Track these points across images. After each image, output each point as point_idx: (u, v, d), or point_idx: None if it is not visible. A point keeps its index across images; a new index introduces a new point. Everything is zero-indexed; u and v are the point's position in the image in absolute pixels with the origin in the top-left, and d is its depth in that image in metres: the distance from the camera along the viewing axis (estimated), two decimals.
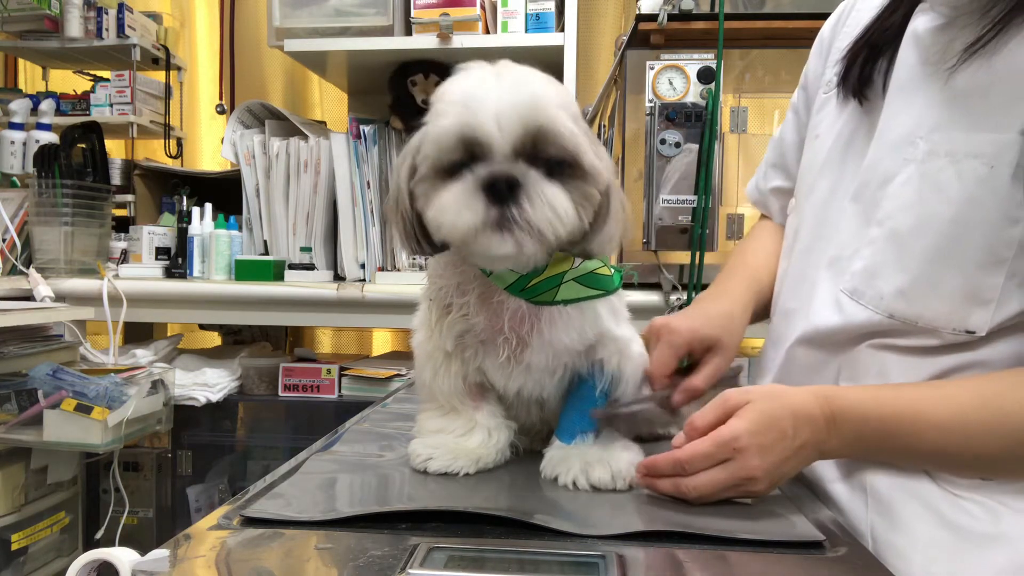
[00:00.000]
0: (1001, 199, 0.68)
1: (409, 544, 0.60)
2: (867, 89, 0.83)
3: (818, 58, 0.98)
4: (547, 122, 0.63)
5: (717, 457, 0.68)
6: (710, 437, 0.69)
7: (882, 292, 0.76)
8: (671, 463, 0.70)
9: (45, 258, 2.01)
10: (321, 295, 1.90)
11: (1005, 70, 0.68)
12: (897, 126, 0.77)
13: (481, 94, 0.64)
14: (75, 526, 1.92)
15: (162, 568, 0.56)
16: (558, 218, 0.64)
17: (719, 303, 0.95)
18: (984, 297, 0.71)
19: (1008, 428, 0.68)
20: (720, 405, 0.71)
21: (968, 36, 0.70)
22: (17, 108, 2.19)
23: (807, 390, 0.72)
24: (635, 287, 1.73)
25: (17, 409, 1.70)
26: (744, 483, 0.69)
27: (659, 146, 1.65)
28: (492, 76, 0.66)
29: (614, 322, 0.78)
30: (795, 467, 0.71)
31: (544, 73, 0.68)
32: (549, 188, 0.64)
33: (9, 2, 2.20)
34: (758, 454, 0.68)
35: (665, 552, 0.61)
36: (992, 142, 0.69)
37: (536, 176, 0.64)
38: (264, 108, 2.21)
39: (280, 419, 1.97)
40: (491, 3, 2.01)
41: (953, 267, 0.72)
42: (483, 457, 0.80)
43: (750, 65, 1.70)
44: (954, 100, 0.72)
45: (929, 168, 0.72)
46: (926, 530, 0.72)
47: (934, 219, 0.72)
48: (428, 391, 0.83)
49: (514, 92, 0.64)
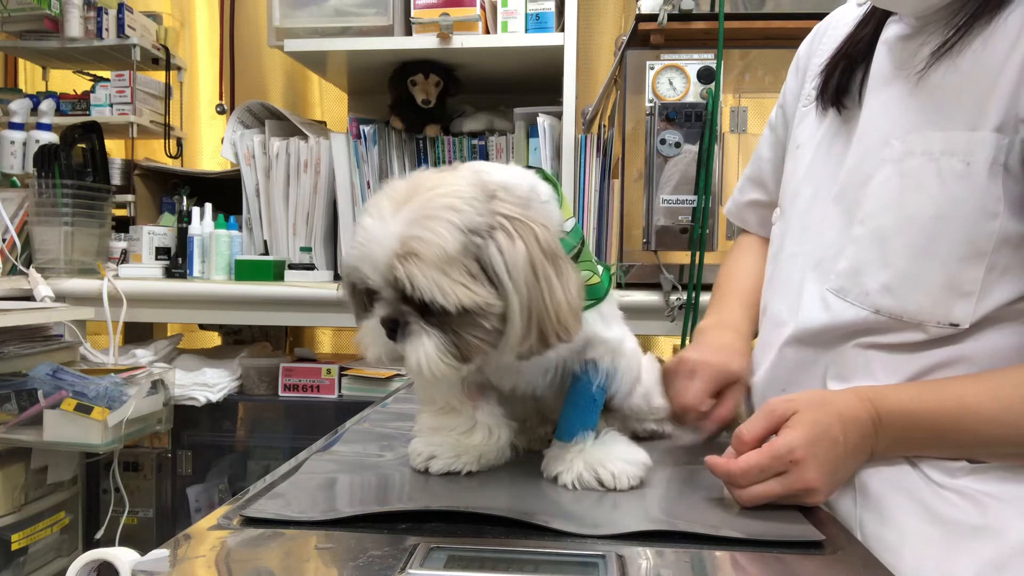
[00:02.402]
0: (979, 194, 0.71)
1: (409, 544, 0.60)
2: (845, 98, 0.86)
3: (795, 76, 1.02)
4: (403, 275, 0.64)
5: (773, 470, 0.69)
6: (765, 450, 0.69)
7: (867, 288, 0.78)
8: (724, 473, 0.70)
9: (45, 258, 2.01)
10: (321, 295, 1.90)
11: (972, 70, 0.71)
12: (873, 130, 0.80)
13: (367, 238, 0.66)
14: (75, 526, 1.92)
15: (162, 568, 0.56)
16: (428, 360, 0.66)
17: (729, 335, 0.97)
18: (966, 290, 0.73)
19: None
20: (767, 415, 0.72)
21: (935, 41, 0.74)
22: (17, 108, 2.19)
23: (851, 393, 0.74)
24: (622, 287, 1.73)
25: (17, 409, 1.70)
26: (801, 494, 0.69)
27: (659, 146, 1.65)
28: (388, 213, 0.66)
29: (603, 326, 0.78)
30: (848, 472, 0.72)
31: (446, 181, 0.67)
32: (422, 333, 0.66)
33: (9, 2, 2.20)
34: (814, 464, 0.69)
35: (665, 552, 0.61)
36: (967, 140, 0.71)
37: (414, 321, 0.67)
38: (264, 108, 2.21)
39: (280, 419, 1.97)
40: (491, 3, 2.01)
41: (935, 261, 0.74)
42: (485, 454, 0.80)
43: (750, 65, 1.70)
44: (925, 101, 0.75)
45: (907, 167, 0.75)
46: (914, 524, 0.73)
47: (915, 216, 0.74)
48: (425, 390, 0.83)
49: (386, 241, 0.65)
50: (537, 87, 2.13)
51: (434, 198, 0.66)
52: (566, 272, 0.68)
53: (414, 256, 0.64)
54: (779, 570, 0.59)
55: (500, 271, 0.65)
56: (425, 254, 0.63)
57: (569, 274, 0.68)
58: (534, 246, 0.66)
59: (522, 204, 0.69)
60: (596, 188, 1.93)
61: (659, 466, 0.85)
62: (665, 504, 0.71)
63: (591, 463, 0.76)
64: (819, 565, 0.60)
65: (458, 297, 0.64)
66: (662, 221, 1.66)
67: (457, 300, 0.64)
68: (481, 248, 0.65)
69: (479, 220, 0.65)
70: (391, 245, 0.64)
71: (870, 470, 0.77)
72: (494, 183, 0.69)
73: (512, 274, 0.65)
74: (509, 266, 0.65)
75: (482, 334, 0.67)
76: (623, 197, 1.74)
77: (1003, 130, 0.70)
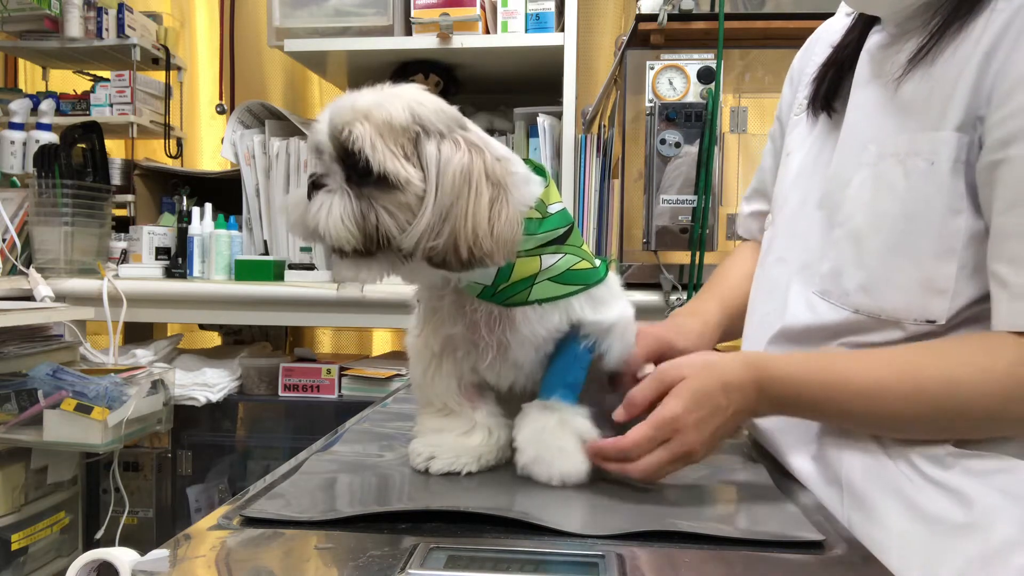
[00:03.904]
0: (944, 192, 0.73)
1: (409, 544, 0.60)
2: (833, 102, 0.89)
3: (789, 87, 1.05)
4: (348, 132, 0.68)
5: (659, 439, 0.72)
6: (650, 422, 0.73)
7: (846, 289, 0.80)
8: (617, 450, 0.74)
9: (45, 258, 2.01)
10: (321, 295, 1.90)
11: (941, 75, 0.74)
12: (852, 135, 0.83)
13: (335, 104, 0.70)
14: (75, 526, 1.92)
15: (162, 568, 0.56)
16: (331, 218, 0.68)
17: (692, 320, 1.01)
18: (939, 286, 0.74)
19: (924, 398, 0.72)
20: (657, 381, 0.75)
21: (911, 49, 0.77)
22: (17, 108, 2.19)
23: (738, 358, 0.76)
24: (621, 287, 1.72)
25: (17, 409, 1.70)
26: (685, 457, 0.73)
27: (659, 146, 1.65)
28: (366, 93, 0.70)
29: (591, 310, 0.78)
30: (728, 431, 0.76)
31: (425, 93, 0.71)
32: (337, 192, 0.69)
33: (9, 2, 2.20)
34: (695, 429, 0.72)
35: (665, 552, 0.61)
36: (930, 140, 0.74)
37: (335, 182, 0.69)
38: (264, 108, 2.21)
39: (280, 419, 1.97)
40: (491, 3, 2.01)
41: (908, 259, 0.75)
42: (485, 455, 0.80)
43: (750, 65, 1.70)
44: (900, 107, 0.78)
45: (880, 169, 0.78)
46: (900, 523, 0.74)
47: (886, 216, 0.77)
48: (422, 392, 0.84)
49: (347, 104, 0.69)
50: (537, 87, 2.13)
51: (411, 95, 0.71)
52: (503, 200, 0.69)
53: (363, 117, 0.68)
54: (779, 570, 0.59)
55: (431, 163, 0.68)
56: (374, 116, 0.68)
57: (506, 204, 0.69)
58: (478, 164, 0.69)
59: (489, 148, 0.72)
60: (596, 188, 1.92)
61: None
62: (665, 504, 0.71)
63: (540, 453, 0.77)
64: (819, 565, 0.60)
65: (385, 160, 0.67)
66: (662, 221, 1.66)
67: (382, 162, 0.67)
68: (421, 140, 0.69)
69: (437, 125, 0.70)
70: (350, 107, 0.69)
71: (857, 465, 0.78)
72: (477, 130, 0.73)
73: (441, 171, 0.68)
74: (441, 163, 0.68)
75: (394, 209, 0.68)
76: (623, 197, 1.74)
77: (963, 129, 0.72)
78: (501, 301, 0.75)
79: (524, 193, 0.73)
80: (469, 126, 0.74)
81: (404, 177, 0.67)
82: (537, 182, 0.76)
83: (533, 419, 0.79)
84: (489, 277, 0.73)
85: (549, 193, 0.77)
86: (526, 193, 0.74)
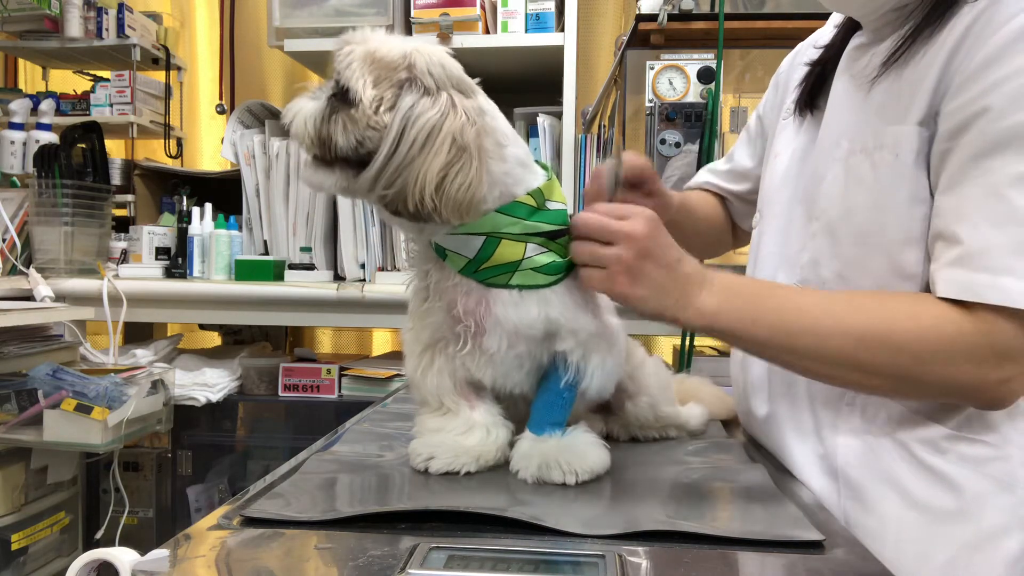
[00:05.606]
0: (908, 183, 0.77)
1: (409, 544, 0.60)
2: (818, 101, 0.92)
3: (774, 91, 1.07)
4: (343, 48, 0.74)
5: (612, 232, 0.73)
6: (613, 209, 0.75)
7: (824, 278, 0.84)
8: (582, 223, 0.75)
9: (45, 258, 2.01)
10: (321, 295, 1.90)
11: (911, 77, 0.77)
12: (829, 132, 0.86)
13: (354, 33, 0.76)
14: (75, 526, 1.92)
15: (162, 568, 0.56)
16: (302, 113, 0.74)
17: None
18: (908, 272, 0.77)
19: (853, 325, 0.74)
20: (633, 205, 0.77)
21: (885, 52, 0.80)
22: (17, 108, 2.19)
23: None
24: None
25: (17, 409, 1.70)
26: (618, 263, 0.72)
27: (659, 146, 1.65)
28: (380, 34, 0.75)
29: (571, 314, 0.77)
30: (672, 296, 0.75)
31: (440, 50, 0.75)
32: (319, 98, 0.74)
33: (9, 2, 2.21)
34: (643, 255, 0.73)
35: (665, 552, 0.61)
36: (894, 133, 0.77)
37: (326, 92, 0.74)
38: (264, 108, 2.21)
39: (280, 419, 1.97)
40: (491, 3, 2.01)
41: (878, 248, 0.79)
42: (483, 455, 0.80)
43: (750, 65, 1.71)
44: (872, 105, 0.81)
45: (851, 163, 0.81)
46: (894, 511, 0.78)
47: (857, 207, 0.80)
48: (416, 389, 0.84)
49: (364, 34, 0.75)
50: (537, 87, 2.13)
51: (419, 45, 0.73)
52: (464, 164, 0.70)
53: (361, 43, 0.73)
54: (779, 570, 0.59)
55: (398, 113, 0.70)
56: (369, 46, 0.73)
57: (468, 169, 0.70)
58: (448, 125, 0.70)
59: (483, 119, 0.73)
60: None
61: (659, 466, 0.85)
62: (665, 504, 0.71)
63: (547, 459, 0.77)
64: (819, 565, 0.60)
65: (352, 76, 0.71)
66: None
67: (349, 78, 0.71)
68: (404, 89, 0.71)
69: (428, 78, 0.72)
70: (362, 36, 0.74)
71: (851, 452, 0.81)
72: (482, 99, 0.76)
73: (409, 124, 0.70)
74: (411, 117, 0.70)
75: (346, 122, 0.71)
76: None
77: (925, 123, 0.75)
78: (482, 279, 0.76)
79: (510, 172, 0.75)
80: (472, 91, 0.75)
81: (359, 96, 0.71)
82: (538, 172, 0.78)
83: (533, 449, 0.79)
84: (472, 250, 0.75)
85: (552, 190, 0.78)
86: (514, 173, 0.75)
